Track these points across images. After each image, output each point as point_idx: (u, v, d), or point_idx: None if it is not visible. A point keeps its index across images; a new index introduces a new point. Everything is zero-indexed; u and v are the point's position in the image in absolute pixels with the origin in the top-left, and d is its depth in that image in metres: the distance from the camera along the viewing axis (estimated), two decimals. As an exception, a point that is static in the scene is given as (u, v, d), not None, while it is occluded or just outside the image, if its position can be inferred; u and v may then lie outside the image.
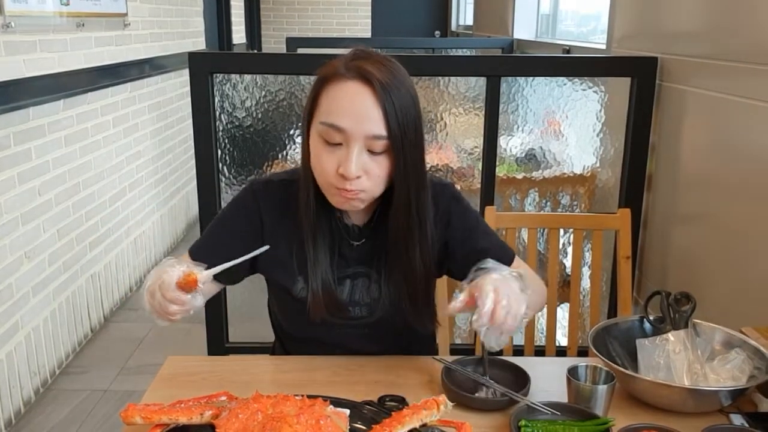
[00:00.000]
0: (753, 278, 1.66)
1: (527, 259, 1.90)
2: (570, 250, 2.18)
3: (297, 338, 1.34)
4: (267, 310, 1.44)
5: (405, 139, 1.11)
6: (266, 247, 1.15)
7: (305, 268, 1.23)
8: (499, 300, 0.99)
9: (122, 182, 3.53)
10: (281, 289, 1.29)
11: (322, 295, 1.22)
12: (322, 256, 1.22)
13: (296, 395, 1.02)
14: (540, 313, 1.90)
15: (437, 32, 8.02)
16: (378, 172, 1.12)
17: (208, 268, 1.10)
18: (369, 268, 1.27)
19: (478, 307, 0.99)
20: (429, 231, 1.22)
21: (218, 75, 2.23)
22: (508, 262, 1.27)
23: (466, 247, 1.27)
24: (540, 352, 1.85)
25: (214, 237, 1.30)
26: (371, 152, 1.11)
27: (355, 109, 1.09)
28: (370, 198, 1.16)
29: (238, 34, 6.83)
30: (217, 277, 1.15)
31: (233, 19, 6.48)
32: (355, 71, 1.10)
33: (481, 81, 2.23)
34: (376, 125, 1.09)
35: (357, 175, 1.10)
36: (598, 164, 2.43)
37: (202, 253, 1.26)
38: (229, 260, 1.19)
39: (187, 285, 1.04)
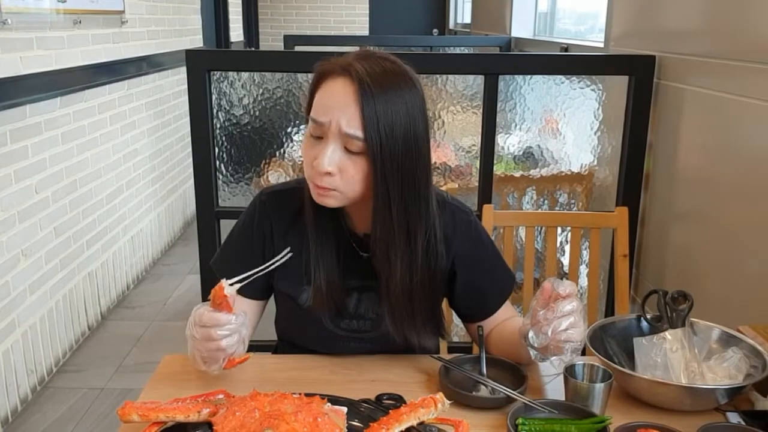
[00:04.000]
0: (750, 277, 1.66)
1: (525, 258, 1.90)
2: (567, 248, 2.18)
3: (301, 348, 1.34)
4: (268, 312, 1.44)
5: (385, 145, 1.07)
6: (289, 254, 1.16)
7: (310, 275, 1.23)
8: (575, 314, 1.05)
9: (119, 180, 3.53)
10: (287, 298, 1.29)
11: (326, 288, 1.21)
12: (328, 263, 1.21)
13: (294, 393, 1.02)
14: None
15: (435, 30, 8.02)
16: (352, 172, 1.10)
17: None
18: (376, 282, 1.25)
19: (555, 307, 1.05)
20: (421, 249, 1.18)
21: (215, 72, 2.23)
22: (498, 304, 1.31)
23: (467, 281, 1.29)
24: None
25: (230, 249, 1.32)
26: (348, 151, 1.09)
27: (334, 104, 1.08)
28: (344, 198, 1.13)
29: (236, 32, 6.82)
30: (250, 296, 1.27)
31: (231, 16, 6.47)
32: (345, 68, 1.09)
33: (479, 79, 2.22)
34: (351, 124, 1.07)
35: (327, 170, 1.09)
36: (595, 162, 2.43)
37: (219, 265, 1.32)
38: (245, 271, 1.24)
39: (217, 299, 1.03)
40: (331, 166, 1.09)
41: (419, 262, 1.19)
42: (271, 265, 1.11)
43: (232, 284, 1.05)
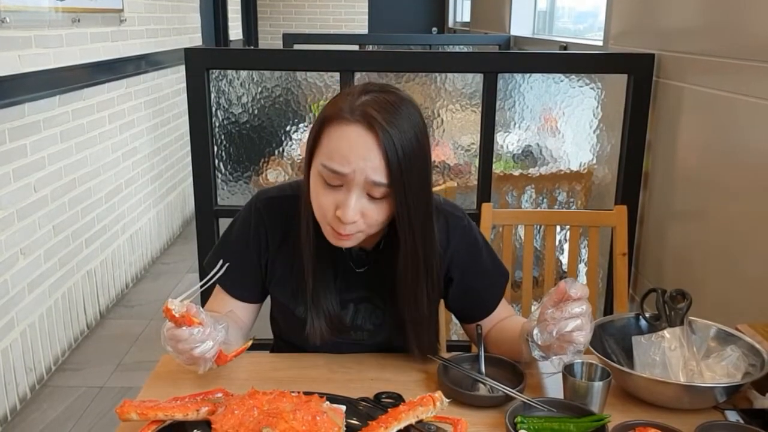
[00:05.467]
0: (748, 275, 1.66)
1: (524, 257, 1.90)
2: (566, 246, 2.18)
3: (298, 347, 1.34)
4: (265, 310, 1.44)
5: (408, 184, 1.08)
6: (226, 264, 1.14)
7: (305, 293, 1.23)
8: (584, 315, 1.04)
9: (118, 179, 3.53)
10: (283, 306, 1.30)
11: (325, 325, 1.22)
12: (323, 287, 1.22)
13: (292, 392, 1.02)
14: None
15: (434, 29, 8.02)
16: (376, 217, 1.11)
17: (224, 285, 1.27)
18: (373, 293, 1.26)
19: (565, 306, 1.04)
20: (435, 268, 1.21)
21: (214, 71, 2.22)
22: (495, 304, 1.32)
23: (463, 284, 1.29)
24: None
25: (226, 252, 1.30)
26: (371, 197, 1.09)
27: (356, 154, 1.06)
28: (365, 236, 1.15)
29: (235, 30, 6.81)
30: (244, 298, 1.29)
31: (230, 15, 6.46)
32: (359, 114, 1.07)
33: (478, 77, 2.22)
34: (377, 171, 1.06)
35: (353, 220, 1.09)
36: (594, 161, 2.43)
37: (213, 266, 1.28)
38: (240, 275, 1.27)
39: (172, 319, 1.02)
40: (356, 215, 1.09)
41: (435, 281, 1.22)
42: (207, 281, 1.10)
43: (183, 300, 1.03)
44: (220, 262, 1.14)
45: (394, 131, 1.07)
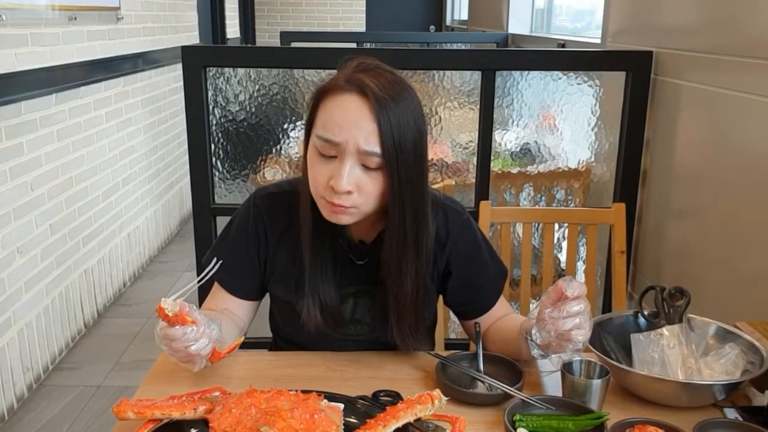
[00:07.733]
0: (747, 273, 1.66)
1: (522, 255, 1.90)
2: (565, 244, 2.18)
3: (297, 344, 1.34)
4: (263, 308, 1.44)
5: (400, 157, 1.08)
6: (219, 262, 1.14)
7: (305, 285, 1.22)
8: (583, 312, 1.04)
9: (116, 177, 3.52)
10: (283, 302, 1.29)
11: (321, 314, 1.21)
12: (323, 273, 1.21)
13: (290, 390, 1.02)
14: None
15: (432, 27, 8.01)
16: (371, 188, 1.09)
17: (222, 282, 1.28)
18: (373, 286, 1.25)
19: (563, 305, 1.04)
20: (425, 255, 1.19)
21: (211, 69, 2.22)
22: (493, 301, 1.31)
23: (461, 278, 1.29)
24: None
25: (224, 251, 1.29)
26: (365, 167, 1.08)
27: (349, 122, 1.07)
28: (361, 214, 1.13)
29: (232, 29, 6.80)
30: (243, 296, 1.29)
31: (227, 13, 6.46)
32: (353, 84, 1.08)
33: (476, 75, 2.22)
34: (370, 140, 1.06)
35: (347, 190, 1.08)
36: (592, 159, 2.43)
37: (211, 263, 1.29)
38: (239, 272, 1.27)
39: (165, 319, 1.02)
40: (351, 184, 1.08)
41: (424, 270, 1.20)
42: (202, 278, 1.10)
43: (176, 299, 1.02)
44: (214, 260, 1.14)
45: (389, 102, 1.07)
